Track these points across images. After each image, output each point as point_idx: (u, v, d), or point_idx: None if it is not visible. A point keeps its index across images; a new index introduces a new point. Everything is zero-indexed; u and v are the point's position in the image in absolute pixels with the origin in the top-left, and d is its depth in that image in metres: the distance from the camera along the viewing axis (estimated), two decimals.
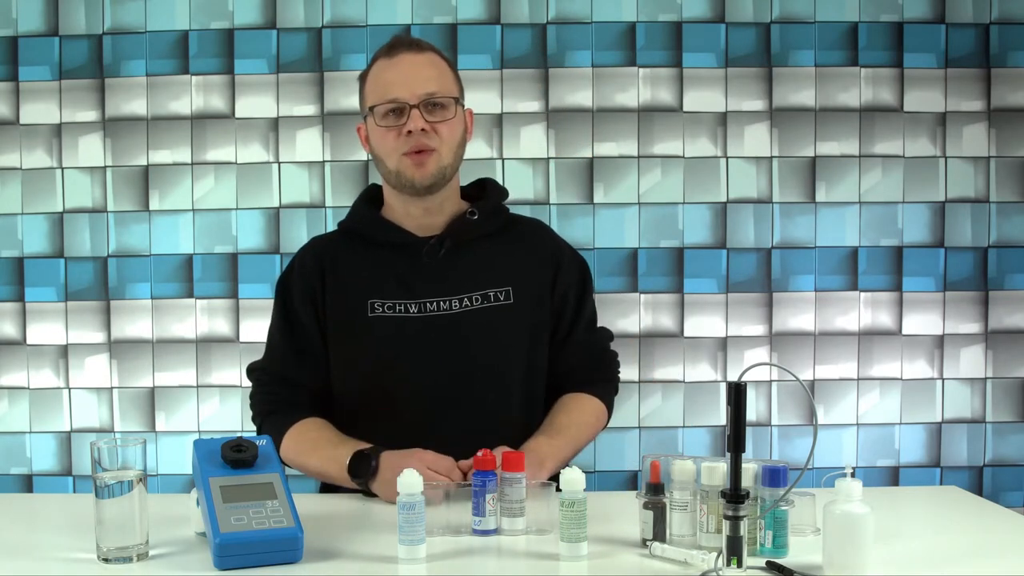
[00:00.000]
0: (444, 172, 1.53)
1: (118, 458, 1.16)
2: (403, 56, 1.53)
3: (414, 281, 1.55)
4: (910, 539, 1.25)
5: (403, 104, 1.50)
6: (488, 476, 1.25)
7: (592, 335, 1.68)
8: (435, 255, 1.56)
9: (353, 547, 1.21)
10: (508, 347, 1.57)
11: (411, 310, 1.54)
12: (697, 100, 2.41)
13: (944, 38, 2.41)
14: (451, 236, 1.57)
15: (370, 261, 1.58)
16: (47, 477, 2.44)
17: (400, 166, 1.52)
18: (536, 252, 1.63)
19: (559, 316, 1.62)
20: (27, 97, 2.41)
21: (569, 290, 1.63)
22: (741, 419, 1.10)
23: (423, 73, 1.52)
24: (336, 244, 1.64)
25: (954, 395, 2.44)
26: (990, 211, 2.43)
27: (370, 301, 1.55)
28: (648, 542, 1.19)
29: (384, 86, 1.52)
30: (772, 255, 2.42)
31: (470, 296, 1.55)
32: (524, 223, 1.69)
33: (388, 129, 1.52)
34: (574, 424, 1.57)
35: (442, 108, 1.52)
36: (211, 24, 2.39)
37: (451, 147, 1.54)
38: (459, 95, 1.57)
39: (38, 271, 2.42)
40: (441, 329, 1.53)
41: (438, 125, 1.51)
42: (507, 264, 1.59)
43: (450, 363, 1.53)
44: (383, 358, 1.54)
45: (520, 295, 1.57)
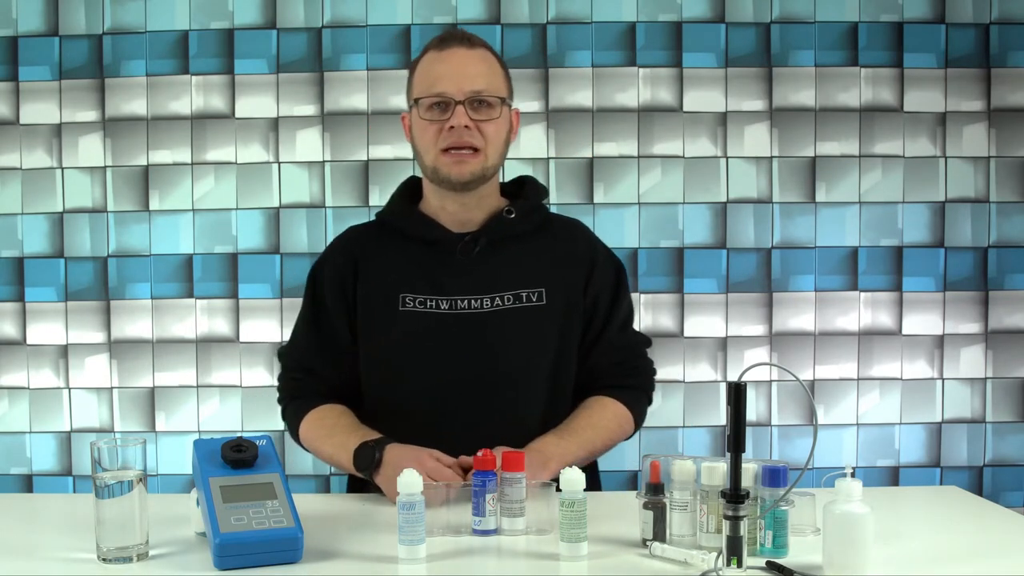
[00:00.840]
0: (484, 172, 1.51)
1: (118, 458, 1.16)
2: (454, 50, 1.50)
3: (447, 278, 1.54)
4: (910, 539, 1.25)
5: (448, 99, 1.47)
6: (488, 476, 1.25)
7: (625, 336, 1.63)
8: (469, 253, 1.55)
9: (353, 547, 1.21)
10: (537, 348, 1.55)
11: (442, 306, 1.53)
12: (697, 100, 2.41)
13: (944, 38, 2.41)
14: (486, 234, 1.56)
15: (404, 255, 1.57)
16: (47, 477, 2.44)
17: (438, 162, 1.50)
18: (571, 253, 1.60)
19: (591, 317, 1.59)
20: (27, 97, 2.41)
21: (602, 291, 1.60)
22: (741, 419, 1.10)
23: (472, 69, 1.49)
24: (371, 235, 1.63)
25: (954, 395, 2.44)
26: (990, 211, 2.43)
27: (402, 295, 1.54)
28: (648, 542, 1.19)
29: (431, 79, 1.50)
30: (772, 255, 2.42)
31: (502, 295, 1.53)
32: (561, 223, 1.66)
33: (431, 123, 1.49)
34: (591, 427, 1.54)
35: (488, 107, 1.50)
36: (211, 24, 2.39)
37: (495, 147, 1.51)
38: (507, 95, 1.54)
39: (38, 271, 2.42)
40: (471, 327, 1.52)
41: (482, 124, 1.49)
42: (541, 265, 1.57)
43: (478, 361, 1.51)
44: (411, 352, 1.53)
45: (553, 296, 1.55)
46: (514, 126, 1.59)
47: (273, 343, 2.42)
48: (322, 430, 1.54)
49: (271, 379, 2.42)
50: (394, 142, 2.40)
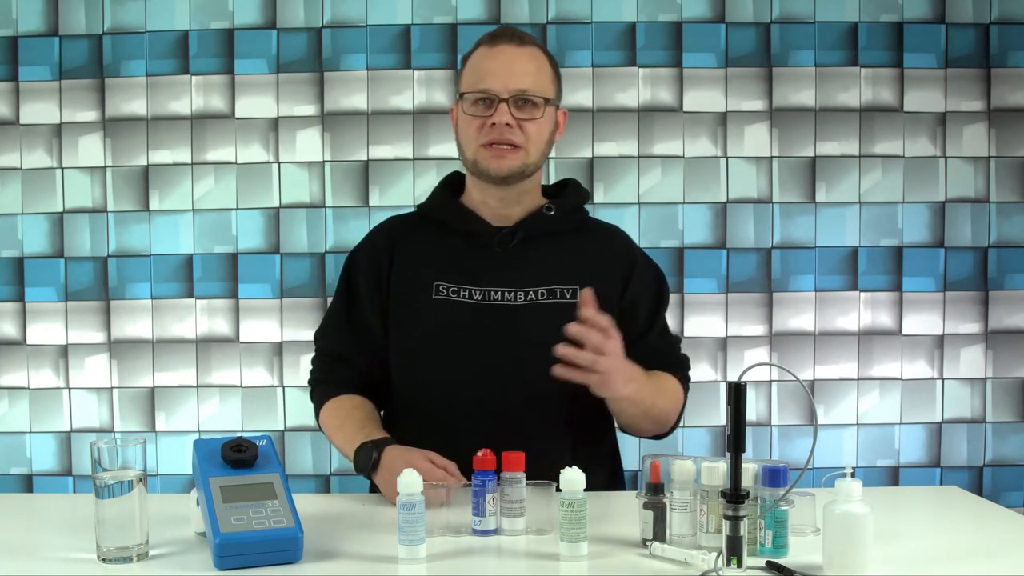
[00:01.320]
0: (524, 169, 1.52)
1: (118, 458, 1.16)
2: (504, 47, 1.51)
3: (481, 269, 1.54)
4: (910, 539, 1.25)
5: (493, 96, 1.49)
6: (488, 476, 1.25)
7: (665, 342, 1.64)
8: (506, 246, 1.55)
9: (353, 547, 1.21)
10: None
11: (475, 296, 1.53)
12: (697, 100, 2.41)
13: (944, 38, 2.41)
14: (524, 229, 1.56)
15: (440, 245, 1.58)
16: (47, 477, 2.44)
17: (478, 156, 1.51)
18: (609, 256, 1.61)
19: (631, 324, 1.56)
20: (27, 97, 2.41)
21: (641, 296, 1.60)
22: (741, 419, 1.10)
23: (520, 67, 1.50)
24: (410, 225, 1.64)
25: (954, 395, 2.44)
26: (990, 211, 2.43)
27: (435, 283, 1.54)
28: (648, 542, 1.19)
29: (479, 75, 1.51)
30: (772, 255, 2.42)
31: (535, 290, 1.54)
32: (601, 227, 1.67)
33: (474, 118, 1.51)
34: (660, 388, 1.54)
35: (532, 106, 1.50)
36: (211, 24, 2.39)
37: (536, 145, 1.52)
38: (554, 95, 1.55)
39: (38, 271, 2.42)
40: (503, 318, 1.52)
41: (525, 123, 1.50)
42: (577, 263, 1.57)
43: (507, 353, 1.51)
44: (442, 341, 1.53)
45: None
46: (560, 126, 1.60)
47: (273, 343, 2.42)
48: (335, 420, 1.57)
49: (271, 379, 2.43)
50: (394, 142, 2.40)
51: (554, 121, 1.57)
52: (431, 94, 2.40)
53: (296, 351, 2.41)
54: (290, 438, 2.43)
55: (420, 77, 2.40)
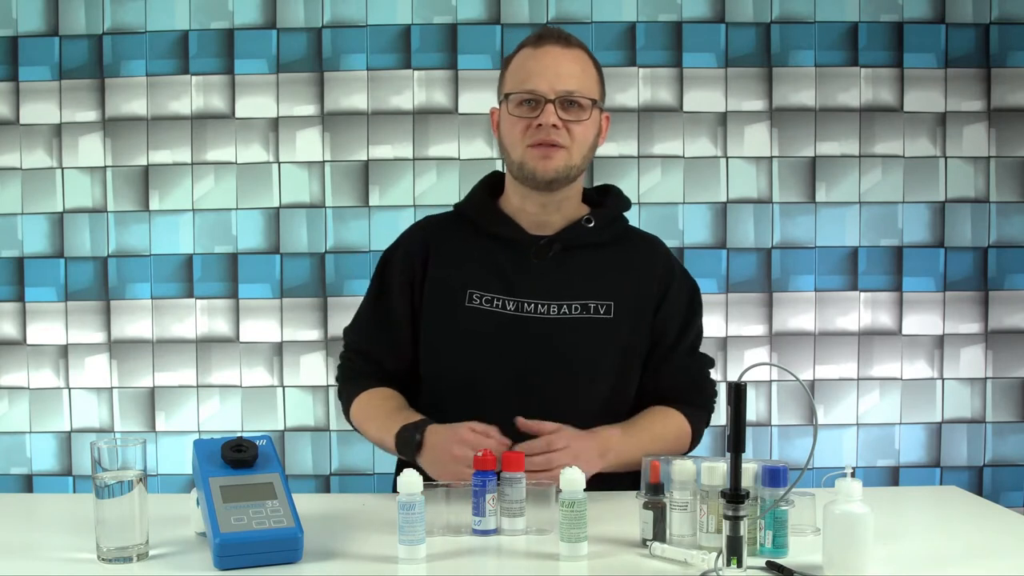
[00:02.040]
0: (569, 172, 1.50)
1: (118, 458, 1.16)
2: (549, 48, 1.49)
3: (516, 279, 1.52)
4: (910, 539, 1.25)
5: (540, 97, 1.47)
6: (488, 476, 1.25)
7: (692, 360, 1.62)
8: (543, 256, 1.53)
9: (353, 547, 1.21)
10: (598, 361, 1.53)
11: (508, 307, 1.51)
12: (697, 100, 2.41)
13: (944, 38, 2.41)
14: (562, 240, 1.54)
15: (476, 250, 1.56)
16: (47, 477, 2.44)
17: (525, 157, 1.49)
18: (646, 271, 1.58)
19: (659, 339, 1.58)
20: (27, 97, 2.41)
21: (673, 314, 1.59)
22: (741, 419, 1.10)
23: (566, 69, 1.48)
24: (447, 226, 1.61)
25: (954, 395, 2.44)
26: (990, 211, 2.43)
27: (469, 291, 1.52)
28: (648, 542, 1.19)
29: (524, 75, 1.49)
30: (772, 255, 2.42)
31: (569, 304, 1.52)
32: (639, 238, 1.64)
33: (519, 119, 1.48)
34: (654, 434, 1.52)
35: (579, 108, 1.49)
36: (211, 24, 2.39)
37: (581, 148, 1.50)
38: (599, 97, 1.54)
39: (38, 271, 2.42)
40: (535, 331, 1.50)
41: (571, 124, 1.48)
42: (614, 278, 1.55)
43: (538, 366, 1.50)
44: (472, 350, 1.52)
45: (621, 312, 1.53)
46: (603, 130, 1.58)
47: (273, 343, 2.42)
48: (369, 411, 1.55)
49: (271, 379, 2.43)
50: (394, 142, 2.40)
51: (599, 124, 1.55)
52: (431, 94, 2.40)
53: (296, 351, 2.42)
54: (290, 438, 2.43)
55: (420, 77, 2.40)
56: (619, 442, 1.46)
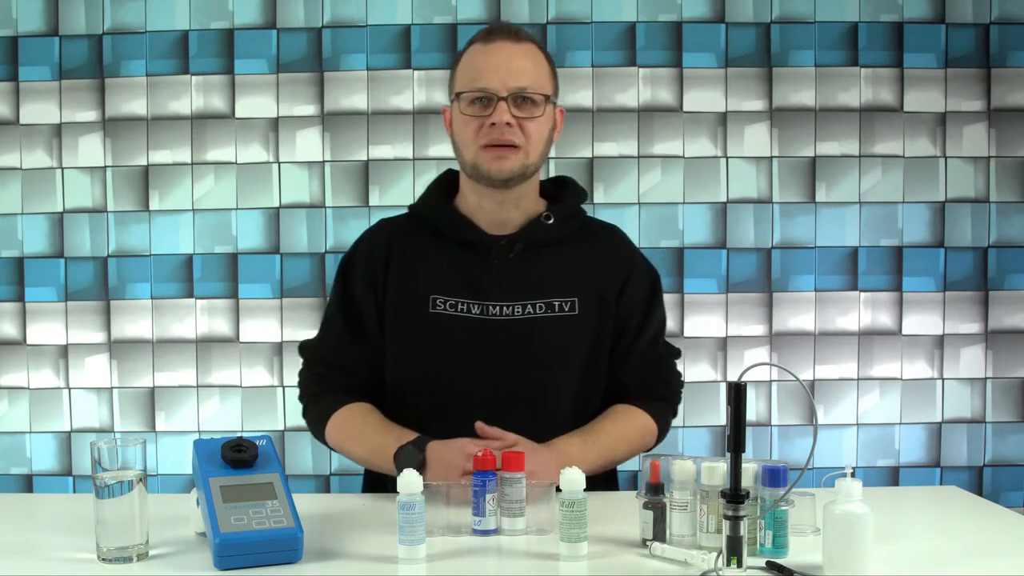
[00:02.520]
0: (525, 170, 1.48)
1: (118, 458, 1.16)
2: (500, 44, 1.47)
3: (479, 282, 1.51)
4: (910, 539, 1.25)
5: (491, 95, 1.44)
6: (488, 476, 1.25)
7: (655, 350, 1.61)
8: (504, 257, 1.52)
9: (353, 547, 1.21)
10: (567, 358, 1.53)
11: (473, 311, 1.50)
12: (697, 100, 2.41)
13: (944, 38, 2.41)
14: (523, 239, 1.52)
15: (437, 253, 1.53)
16: (47, 477, 2.44)
17: (478, 158, 1.46)
18: (607, 262, 1.57)
19: (622, 329, 1.57)
20: (27, 97, 2.41)
21: (636, 304, 1.58)
22: (741, 419, 1.10)
23: (517, 64, 1.45)
24: (403, 229, 1.58)
25: (954, 395, 2.44)
26: (990, 211, 2.43)
27: (432, 296, 1.51)
28: (648, 542, 1.19)
29: (475, 73, 1.46)
30: (772, 255, 2.42)
31: (534, 304, 1.51)
32: (598, 229, 1.63)
33: (472, 118, 1.46)
34: (615, 436, 1.52)
35: (532, 104, 1.46)
36: (211, 24, 2.39)
37: (536, 145, 1.48)
38: (552, 92, 1.51)
39: (38, 271, 2.42)
40: (501, 334, 1.49)
41: (525, 122, 1.45)
42: (576, 273, 1.54)
43: (506, 368, 1.49)
44: (439, 356, 1.51)
45: (585, 306, 1.53)
46: (558, 124, 1.56)
47: (273, 343, 2.42)
48: (351, 430, 1.52)
49: (271, 379, 2.43)
50: (394, 142, 2.40)
51: (553, 119, 1.53)
52: (431, 94, 2.40)
53: (296, 351, 2.41)
54: (290, 438, 2.43)
55: (420, 77, 2.40)
56: (579, 451, 1.44)
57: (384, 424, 1.50)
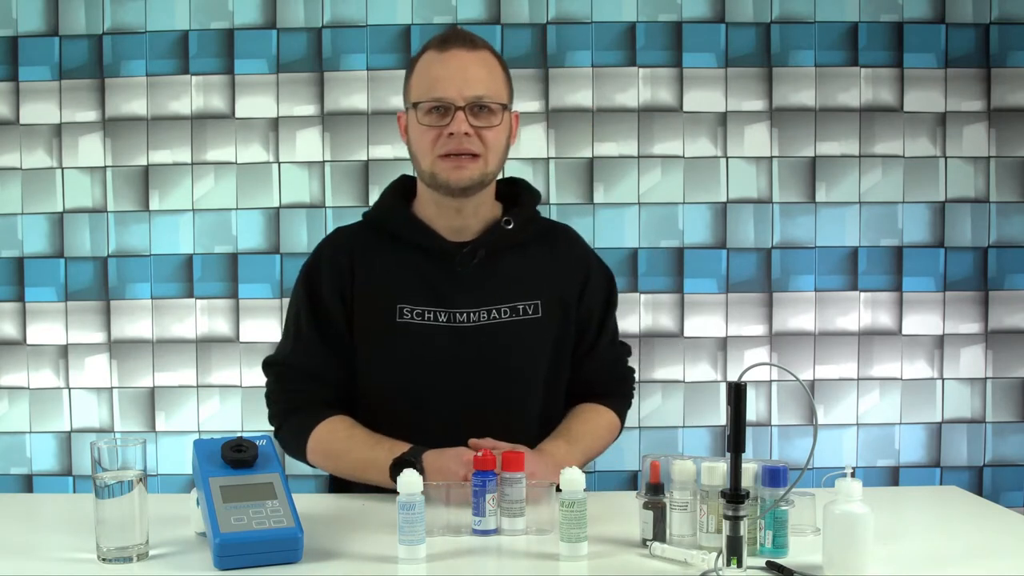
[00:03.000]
0: (483, 178, 1.48)
1: (118, 458, 1.16)
2: (455, 52, 1.46)
3: (445, 290, 1.51)
4: (910, 539, 1.25)
5: (448, 104, 1.44)
6: (488, 476, 1.25)
7: (614, 350, 1.66)
8: (467, 265, 1.52)
9: (353, 547, 1.21)
10: (533, 360, 1.55)
11: (440, 319, 1.51)
12: (697, 100, 2.41)
13: (944, 38, 2.41)
14: (484, 246, 1.53)
15: (400, 261, 1.54)
16: (47, 477, 2.44)
17: (435, 167, 1.46)
18: (566, 264, 1.60)
19: (583, 329, 1.60)
20: (27, 97, 2.41)
21: (595, 305, 1.61)
22: (741, 419, 1.10)
23: (473, 73, 1.45)
24: (363, 237, 1.58)
25: (954, 395, 2.44)
26: (990, 211, 2.43)
27: (399, 306, 1.51)
28: (648, 542, 1.19)
29: (430, 82, 1.45)
30: (772, 255, 2.42)
31: (499, 308, 1.52)
32: (555, 231, 1.64)
33: (429, 128, 1.45)
34: (589, 434, 1.56)
35: (489, 113, 1.46)
36: (211, 24, 2.39)
37: (495, 153, 1.48)
38: (508, 100, 1.51)
39: (38, 271, 2.42)
40: (469, 340, 1.51)
41: (483, 131, 1.45)
42: (537, 276, 1.56)
43: (476, 373, 1.50)
44: (409, 365, 1.51)
45: (548, 308, 1.55)
46: (514, 130, 1.56)
47: (273, 343, 2.41)
48: (337, 445, 1.50)
49: None
50: (394, 142, 2.40)
51: (509, 126, 1.53)
52: None
53: None
54: None
55: None
56: (566, 454, 1.46)
57: (372, 437, 1.49)
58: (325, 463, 1.54)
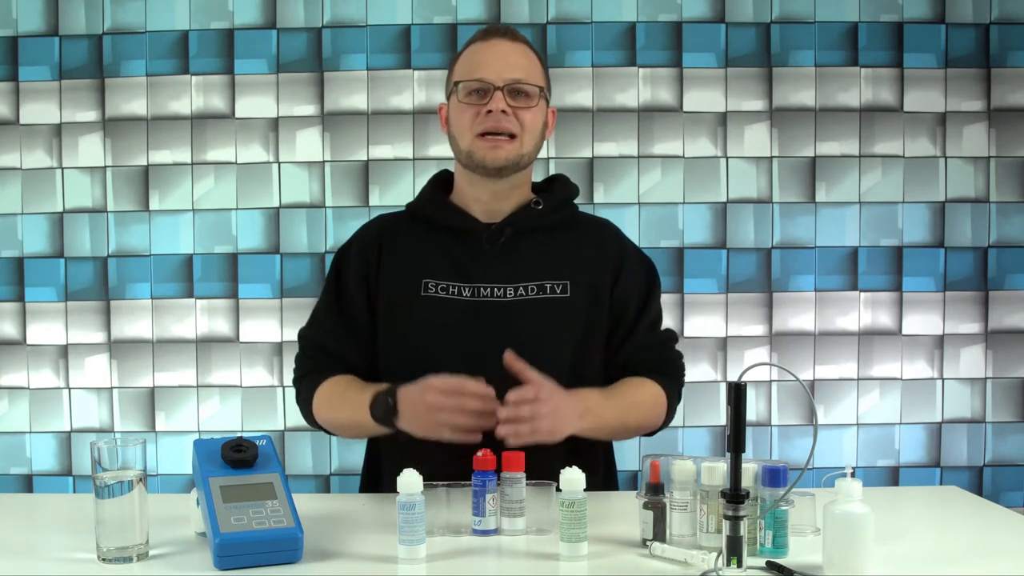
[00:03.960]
0: (520, 159, 1.52)
1: (118, 458, 1.16)
2: (496, 41, 1.53)
3: (470, 266, 1.54)
4: (910, 539, 1.25)
5: (488, 85, 1.49)
6: (488, 476, 1.25)
7: (654, 336, 1.64)
8: (495, 241, 1.55)
9: (353, 547, 1.21)
10: (558, 340, 1.54)
11: (464, 293, 1.53)
12: (697, 100, 2.41)
13: (944, 38, 2.41)
14: (513, 224, 1.56)
15: (429, 243, 1.57)
16: (47, 477, 2.44)
17: (473, 146, 1.51)
18: (599, 251, 1.60)
19: (619, 318, 1.59)
20: (27, 97, 2.41)
21: (631, 292, 1.60)
22: (741, 419, 1.10)
23: (513, 59, 1.52)
24: (399, 224, 1.63)
25: (954, 395, 2.44)
26: (990, 211, 2.43)
27: (424, 281, 1.54)
28: (648, 542, 1.19)
29: (472, 65, 1.52)
30: (772, 255, 2.42)
31: (526, 285, 1.53)
32: (590, 221, 1.67)
33: (469, 106, 1.51)
34: (632, 401, 1.54)
35: (526, 96, 1.51)
36: (211, 24, 2.39)
37: (531, 135, 1.52)
38: (545, 86, 1.56)
39: (38, 271, 2.42)
40: (493, 315, 1.52)
41: (520, 111, 1.50)
42: (567, 259, 1.57)
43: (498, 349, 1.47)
44: (431, 339, 1.53)
45: (577, 290, 1.55)
46: (550, 124, 1.60)
47: (273, 343, 2.42)
48: (335, 397, 1.54)
49: (271, 379, 2.43)
50: (394, 142, 2.40)
51: (546, 113, 1.57)
52: (431, 94, 2.40)
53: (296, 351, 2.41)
54: (290, 438, 2.43)
55: (420, 77, 2.40)
56: (598, 404, 1.46)
57: (363, 385, 1.52)
58: (328, 420, 1.56)
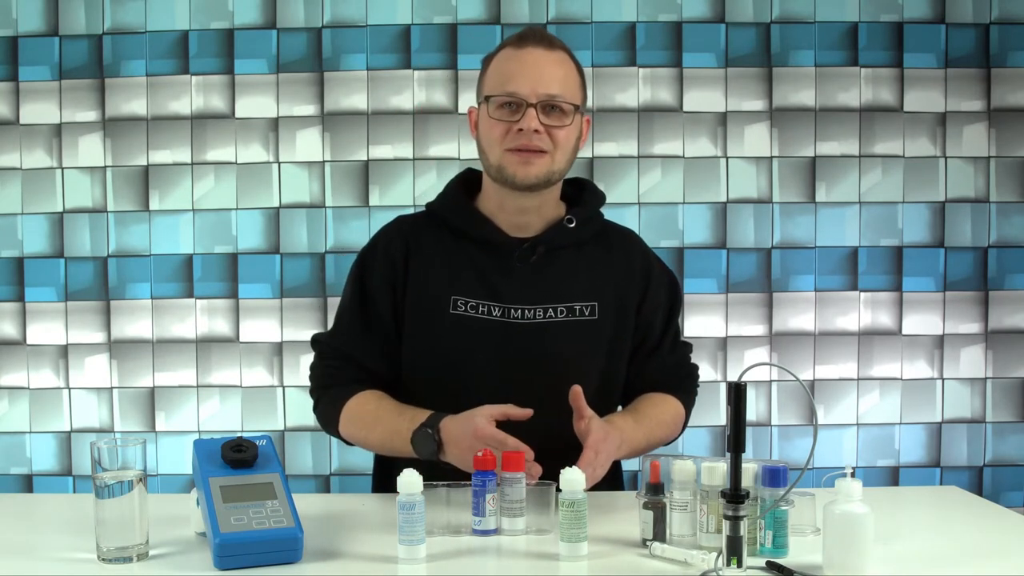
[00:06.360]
0: (550, 176, 1.47)
1: (118, 458, 1.16)
2: (531, 49, 1.46)
3: (501, 284, 1.50)
4: (910, 539, 1.25)
5: (521, 100, 1.43)
6: (488, 476, 1.25)
7: (676, 353, 1.63)
8: (526, 260, 1.52)
9: (353, 547, 1.21)
10: (587, 362, 1.53)
11: (494, 313, 1.49)
12: (697, 100, 2.41)
13: (944, 38, 2.41)
14: (545, 243, 1.52)
15: (458, 253, 1.53)
16: (47, 477, 2.44)
17: (504, 161, 1.46)
18: (626, 267, 1.58)
19: (645, 336, 1.58)
20: (27, 97, 2.41)
21: (656, 310, 1.59)
22: (741, 419, 1.10)
23: (548, 72, 1.45)
24: (423, 227, 1.57)
25: (954, 395, 2.44)
26: (990, 211, 2.43)
27: (453, 297, 1.50)
28: (648, 542, 1.19)
29: (505, 77, 1.46)
30: (772, 255, 2.42)
31: (555, 307, 1.51)
32: (616, 233, 1.64)
33: (499, 122, 1.45)
34: (655, 419, 1.54)
35: (560, 113, 1.45)
36: (211, 24, 2.39)
37: (564, 153, 1.48)
38: (581, 102, 1.50)
39: (38, 271, 2.42)
40: (522, 337, 1.49)
41: (553, 129, 1.45)
42: (596, 277, 1.54)
43: (525, 371, 1.48)
44: (459, 357, 1.50)
45: (605, 311, 1.53)
46: (584, 133, 1.55)
47: (273, 343, 2.42)
48: (367, 417, 1.50)
49: (271, 379, 2.43)
50: (394, 142, 2.40)
51: (580, 128, 1.52)
52: (431, 94, 2.40)
53: (296, 351, 2.42)
54: (290, 438, 2.43)
55: (420, 77, 2.40)
56: (631, 432, 1.46)
57: (398, 407, 1.48)
58: (356, 437, 1.53)
